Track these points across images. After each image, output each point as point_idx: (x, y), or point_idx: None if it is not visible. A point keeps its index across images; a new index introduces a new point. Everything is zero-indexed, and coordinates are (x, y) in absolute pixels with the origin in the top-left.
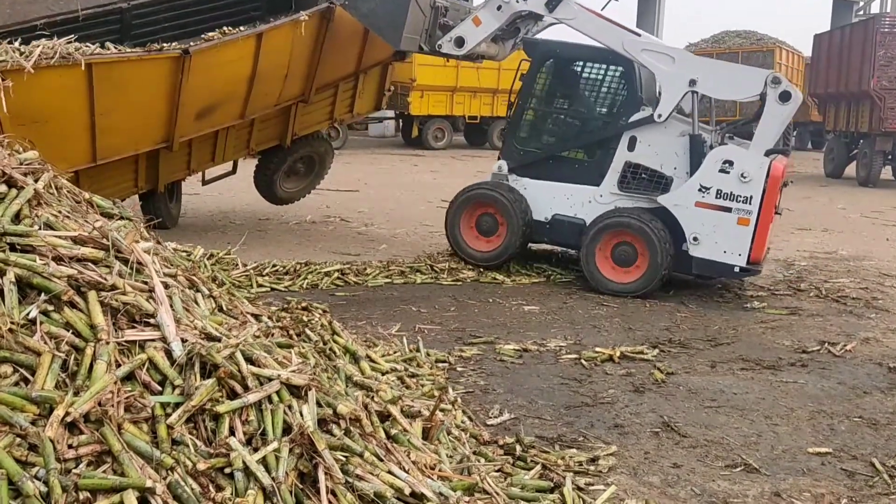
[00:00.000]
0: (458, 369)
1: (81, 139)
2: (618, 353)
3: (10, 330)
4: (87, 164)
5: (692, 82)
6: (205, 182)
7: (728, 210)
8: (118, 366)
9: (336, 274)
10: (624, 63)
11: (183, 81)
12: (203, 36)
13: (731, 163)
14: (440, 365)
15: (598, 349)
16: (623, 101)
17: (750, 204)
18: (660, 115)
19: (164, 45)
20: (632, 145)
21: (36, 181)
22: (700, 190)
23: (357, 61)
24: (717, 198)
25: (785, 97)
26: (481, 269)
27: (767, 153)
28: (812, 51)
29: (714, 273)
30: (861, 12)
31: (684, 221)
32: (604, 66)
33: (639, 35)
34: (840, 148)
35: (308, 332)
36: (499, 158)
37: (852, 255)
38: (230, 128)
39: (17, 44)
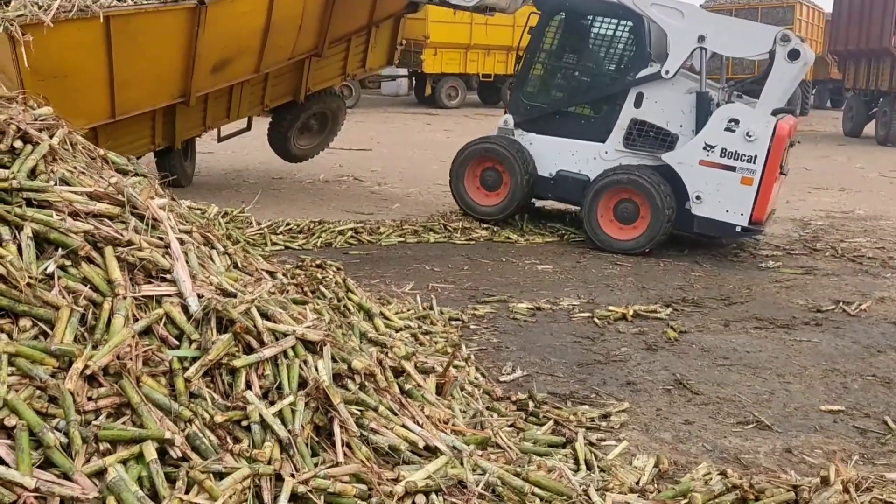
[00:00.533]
0: (472, 327)
1: (100, 94)
2: (631, 312)
3: (29, 284)
4: (107, 120)
5: (701, 38)
6: (220, 139)
7: (732, 169)
8: (136, 320)
9: (349, 233)
10: (633, 18)
11: (199, 33)
12: None
13: (736, 121)
14: (453, 323)
15: (611, 308)
16: (631, 57)
17: (754, 163)
18: (667, 72)
19: None
20: (638, 102)
21: (51, 137)
22: (705, 148)
23: (369, 13)
24: (721, 156)
25: (794, 55)
26: (494, 229)
27: (774, 112)
28: (833, 7)
29: (715, 232)
30: None
31: (688, 179)
32: (613, 21)
33: None
34: (859, 106)
35: (322, 289)
36: (505, 113)
37: (869, 214)
38: (245, 83)
39: None
